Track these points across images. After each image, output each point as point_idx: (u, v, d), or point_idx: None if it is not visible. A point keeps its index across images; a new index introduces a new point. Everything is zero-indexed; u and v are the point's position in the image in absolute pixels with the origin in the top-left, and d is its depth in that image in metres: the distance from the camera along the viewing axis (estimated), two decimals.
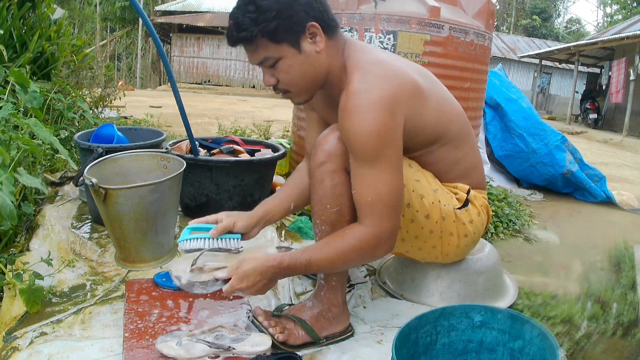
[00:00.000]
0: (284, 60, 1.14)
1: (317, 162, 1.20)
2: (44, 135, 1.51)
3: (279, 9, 1.08)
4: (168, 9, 16.77)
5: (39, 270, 1.38)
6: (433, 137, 1.29)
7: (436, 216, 1.31)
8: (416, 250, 1.40)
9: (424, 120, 1.23)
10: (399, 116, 1.14)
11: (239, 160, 2.04)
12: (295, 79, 1.17)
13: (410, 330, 1.03)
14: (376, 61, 1.18)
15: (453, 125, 1.32)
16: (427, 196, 1.29)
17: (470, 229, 1.37)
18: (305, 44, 1.13)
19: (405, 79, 1.18)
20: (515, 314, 1.06)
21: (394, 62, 1.21)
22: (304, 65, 1.15)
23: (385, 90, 1.11)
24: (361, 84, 1.12)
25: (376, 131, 1.09)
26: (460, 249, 1.40)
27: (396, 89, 1.13)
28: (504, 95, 3.28)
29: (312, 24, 1.12)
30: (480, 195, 1.42)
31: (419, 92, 1.20)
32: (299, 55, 1.14)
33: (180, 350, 1.12)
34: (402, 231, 1.32)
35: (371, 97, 1.10)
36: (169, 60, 1.78)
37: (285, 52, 1.13)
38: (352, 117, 1.10)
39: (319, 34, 1.14)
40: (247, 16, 1.09)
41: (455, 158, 1.35)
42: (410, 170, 1.28)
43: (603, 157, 6.37)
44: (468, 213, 1.36)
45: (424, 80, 1.25)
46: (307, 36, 1.13)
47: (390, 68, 1.17)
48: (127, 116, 4.86)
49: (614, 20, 25.78)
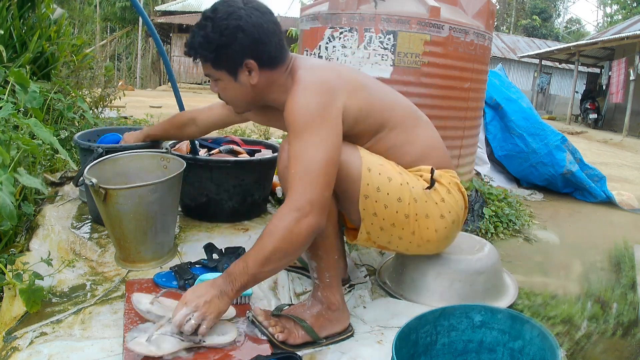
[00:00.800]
0: (221, 82, 1.30)
1: (283, 165, 1.36)
2: (44, 135, 1.51)
3: (219, 44, 1.22)
4: (168, 9, 16.78)
5: (39, 270, 1.38)
6: (377, 124, 1.35)
7: (407, 197, 1.31)
8: (397, 239, 1.39)
9: (365, 109, 1.31)
10: (336, 100, 1.23)
11: (239, 160, 2.03)
12: (229, 98, 1.36)
13: (410, 330, 1.03)
14: (316, 63, 1.35)
15: (397, 111, 1.40)
16: (394, 178, 1.31)
17: (445, 209, 1.37)
18: (242, 76, 1.27)
19: (341, 72, 1.32)
20: (515, 314, 1.06)
21: (333, 64, 1.40)
22: (237, 91, 1.31)
23: (322, 77, 1.26)
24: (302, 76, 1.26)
25: (308, 105, 1.18)
26: (439, 232, 1.39)
27: (333, 79, 1.27)
28: (504, 95, 3.28)
29: (248, 61, 1.25)
30: (447, 174, 1.42)
31: (357, 83, 1.32)
32: (234, 82, 1.29)
33: (151, 346, 1.10)
34: (378, 219, 1.32)
35: (306, 83, 1.23)
36: (169, 60, 1.78)
37: (222, 77, 1.29)
38: (290, 98, 1.22)
39: (254, 70, 1.26)
40: (196, 39, 1.24)
41: (407, 139, 1.39)
42: (371, 156, 1.32)
43: (603, 157, 6.38)
44: (437, 192, 1.36)
45: (363, 77, 1.40)
46: (245, 69, 1.26)
47: (329, 66, 1.38)
48: (127, 116, 4.86)
49: (614, 20, 25.77)
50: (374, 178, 1.28)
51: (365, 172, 1.27)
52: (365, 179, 1.27)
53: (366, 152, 1.32)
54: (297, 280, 1.65)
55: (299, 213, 1.11)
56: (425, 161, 1.40)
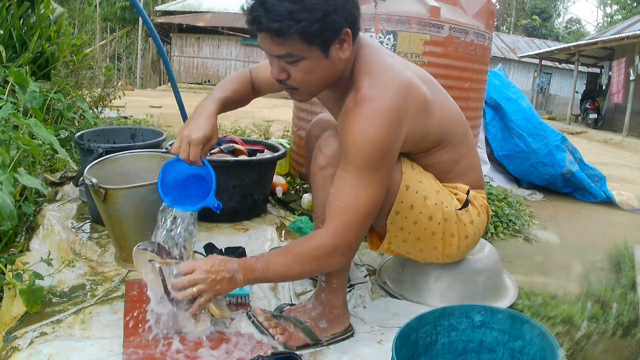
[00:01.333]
0: (307, 61, 1.07)
1: (318, 166, 1.21)
2: (43, 135, 1.51)
3: (326, 11, 1.00)
4: (168, 9, 16.76)
5: (39, 270, 1.38)
6: (436, 142, 1.30)
7: (439, 217, 1.31)
8: (417, 251, 1.40)
9: (428, 129, 1.23)
10: (402, 129, 1.13)
11: (239, 160, 2.03)
12: (311, 81, 1.12)
13: (410, 330, 1.03)
14: (386, 68, 1.15)
15: (453, 128, 1.32)
16: (430, 197, 1.28)
17: (471, 230, 1.38)
18: (333, 50, 1.08)
19: (414, 90, 1.16)
20: (515, 314, 1.06)
21: (404, 71, 1.18)
22: (324, 70, 1.11)
23: (395, 103, 1.09)
24: (370, 90, 1.09)
25: (376, 143, 1.07)
26: (460, 250, 1.40)
27: (404, 103, 1.11)
28: (504, 95, 3.28)
29: (347, 31, 1.07)
30: (480, 195, 1.42)
31: (425, 104, 1.19)
32: (324, 60, 1.08)
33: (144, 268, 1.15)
34: (404, 233, 1.31)
35: (379, 107, 1.07)
36: (169, 60, 1.78)
37: (312, 54, 1.06)
38: (355, 122, 1.08)
39: (348, 41, 1.09)
40: (285, 5, 0.98)
41: (454, 158, 1.35)
42: (413, 172, 1.27)
43: (603, 157, 6.37)
44: (469, 213, 1.36)
45: (428, 87, 1.23)
46: (337, 42, 1.07)
47: (399, 78, 1.14)
48: (127, 116, 4.86)
49: (614, 20, 25.77)
50: (409, 196, 1.25)
51: (402, 190, 1.24)
52: (401, 196, 1.24)
53: (409, 165, 1.27)
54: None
55: (334, 250, 1.11)
56: (463, 179, 1.38)
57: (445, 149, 1.32)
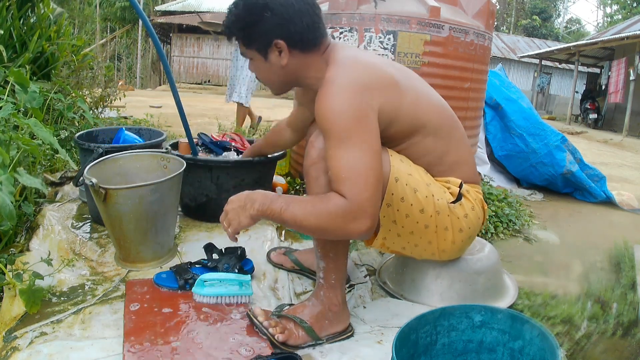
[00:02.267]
0: (253, 61, 1.32)
1: (311, 161, 1.24)
2: (43, 135, 1.51)
3: (247, 23, 1.24)
4: (168, 9, 16.76)
5: (39, 270, 1.38)
6: (413, 127, 1.30)
7: (430, 210, 1.31)
8: (412, 247, 1.39)
9: (400, 110, 1.26)
10: (371, 101, 1.18)
11: (239, 160, 2.03)
12: (261, 78, 1.36)
13: (410, 330, 1.03)
14: (350, 56, 1.26)
15: (432, 117, 1.34)
16: (420, 190, 1.29)
17: (465, 224, 1.37)
18: (272, 56, 1.27)
19: (379, 70, 1.26)
20: (515, 314, 1.06)
21: (368, 57, 1.30)
22: (267, 71, 1.31)
23: (357, 77, 1.19)
24: (334, 72, 1.20)
25: (346, 110, 1.13)
26: (456, 244, 1.40)
27: (368, 77, 1.21)
28: (504, 95, 3.28)
29: (277, 41, 1.24)
30: (474, 189, 1.42)
31: (393, 82, 1.26)
32: (264, 62, 1.29)
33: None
34: (397, 226, 1.32)
35: (341, 81, 1.17)
36: (168, 60, 1.78)
37: (254, 56, 1.30)
38: (323, 99, 1.16)
39: (284, 50, 1.25)
40: (229, 17, 1.27)
41: (442, 150, 1.36)
42: (402, 165, 1.28)
43: (603, 157, 6.37)
44: (462, 207, 1.36)
45: (400, 74, 1.31)
46: (275, 50, 1.25)
47: (364, 61, 1.26)
48: (127, 116, 4.86)
49: (614, 20, 25.77)
50: (399, 188, 1.26)
51: (392, 182, 1.25)
52: (391, 188, 1.25)
53: (397, 158, 1.29)
54: (297, 280, 1.65)
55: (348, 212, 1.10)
56: (455, 173, 1.38)
57: (429, 138, 1.33)
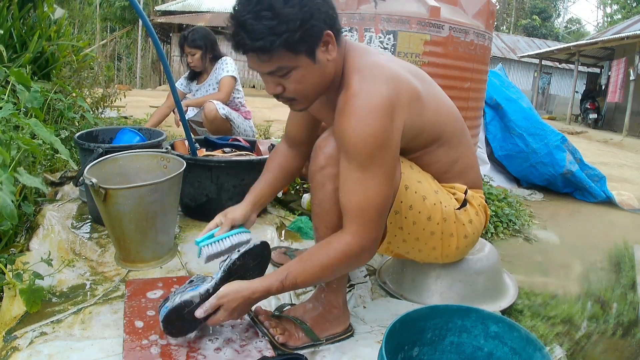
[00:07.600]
0: (297, 70, 1.08)
1: (317, 166, 1.20)
2: (44, 135, 1.51)
3: (303, 19, 1.01)
4: (168, 9, 16.75)
5: (39, 270, 1.38)
6: (432, 138, 1.29)
7: (438, 217, 1.31)
8: (416, 251, 1.40)
9: (423, 123, 1.23)
10: (398, 121, 1.12)
11: (239, 160, 2.04)
12: (306, 88, 1.13)
13: (419, 318, 1.02)
14: (375, 64, 1.16)
15: (450, 125, 1.32)
16: (429, 197, 1.28)
17: (470, 230, 1.38)
18: (319, 53, 1.09)
19: (404, 83, 1.16)
20: (532, 337, 1.01)
21: (392, 66, 1.19)
22: (316, 75, 1.11)
23: (385, 93, 1.09)
24: (361, 85, 1.10)
25: (374, 135, 1.06)
26: (459, 250, 1.41)
27: (396, 94, 1.11)
28: (504, 95, 3.28)
29: (328, 32, 1.08)
30: (477, 195, 1.42)
31: (417, 96, 1.19)
32: (313, 65, 1.09)
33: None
34: (403, 233, 1.31)
35: (371, 100, 1.07)
36: (168, 60, 1.78)
37: (300, 62, 1.07)
38: (350, 119, 1.07)
39: (332, 42, 1.10)
40: (263, 23, 1.00)
41: (452, 158, 1.35)
42: (411, 172, 1.27)
43: (603, 157, 6.37)
44: (467, 213, 1.36)
45: (421, 83, 1.24)
46: (321, 45, 1.09)
47: (389, 72, 1.14)
48: (127, 116, 4.86)
49: (614, 20, 25.77)
50: (409, 196, 1.25)
51: (402, 190, 1.24)
52: (400, 196, 1.24)
53: (407, 165, 1.28)
54: None
55: (362, 250, 1.11)
56: (461, 179, 1.38)
57: (443, 147, 1.32)
